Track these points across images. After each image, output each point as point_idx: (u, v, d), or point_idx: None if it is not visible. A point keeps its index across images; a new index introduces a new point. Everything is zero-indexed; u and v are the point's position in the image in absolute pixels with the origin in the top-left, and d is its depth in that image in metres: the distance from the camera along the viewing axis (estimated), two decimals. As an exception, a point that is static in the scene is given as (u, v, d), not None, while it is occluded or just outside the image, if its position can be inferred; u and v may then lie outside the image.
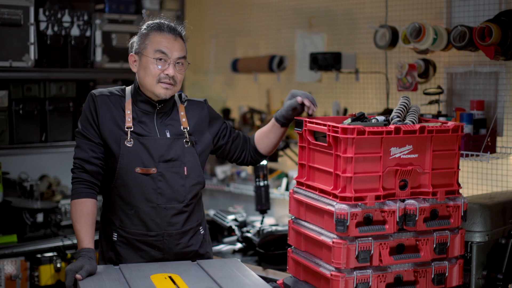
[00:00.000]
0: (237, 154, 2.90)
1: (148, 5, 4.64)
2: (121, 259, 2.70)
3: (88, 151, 2.66)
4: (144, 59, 2.65)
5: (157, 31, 2.66)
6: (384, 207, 2.29)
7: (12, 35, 3.93)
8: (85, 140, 2.67)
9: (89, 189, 2.65)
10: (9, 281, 3.83)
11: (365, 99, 4.19)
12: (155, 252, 2.70)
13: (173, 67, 2.65)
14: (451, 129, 2.38)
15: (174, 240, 2.71)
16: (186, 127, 2.74)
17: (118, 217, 2.70)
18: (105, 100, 2.69)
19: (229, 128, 2.90)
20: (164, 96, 2.66)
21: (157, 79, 2.64)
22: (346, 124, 2.30)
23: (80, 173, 2.66)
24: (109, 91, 2.73)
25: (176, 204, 2.69)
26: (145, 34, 2.68)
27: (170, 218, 2.68)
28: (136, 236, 2.69)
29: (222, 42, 5.31)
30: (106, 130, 2.65)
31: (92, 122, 2.66)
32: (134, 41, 2.73)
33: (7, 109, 3.97)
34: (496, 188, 3.42)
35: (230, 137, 2.88)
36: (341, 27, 4.34)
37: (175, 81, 2.66)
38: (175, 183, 2.68)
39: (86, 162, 2.65)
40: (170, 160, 2.67)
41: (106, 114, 2.66)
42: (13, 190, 4.21)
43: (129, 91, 2.75)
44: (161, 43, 2.64)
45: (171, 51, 2.64)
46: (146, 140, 2.66)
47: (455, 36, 3.33)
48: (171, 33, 2.66)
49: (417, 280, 2.36)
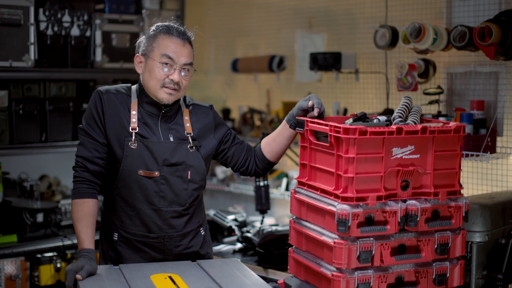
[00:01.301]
0: (241, 161, 2.84)
1: (148, 5, 4.64)
2: (121, 259, 2.70)
3: (92, 151, 2.62)
4: (150, 61, 2.61)
5: (165, 34, 2.61)
6: (386, 207, 2.29)
7: (12, 35, 3.92)
8: (89, 138, 2.63)
9: (90, 188, 2.63)
10: (9, 281, 3.83)
11: (365, 99, 4.19)
12: (156, 253, 2.70)
13: (179, 72, 2.60)
14: (453, 130, 2.37)
15: (175, 242, 2.71)
16: (190, 132, 2.71)
17: (119, 218, 2.69)
18: (112, 98, 2.65)
19: (233, 135, 2.86)
20: (167, 101, 2.62)
21: (161, 84, 2.60)
22: (348, 124, 2.30)
23: (82, 172, 2.63)
24: (115, 89, 2.68)
25: (177, 207, 2.68)
26: (153, 36, 2.63)
27: (171, 221, 2.68)
28: (136, 237, 2.68)
29: (222, 42, 5.31)
30: (111, 129, 2.62)
31: (98, 120, 2.63)
32: (142, 41, 2.68)
33: (7, 109, 3.97)
34: (496, 188, 3.43)
35: (233, 142, 2.84)
36: (341, 27, 4.34)
37: (179, 87, 2.62)
38: (178, 187, 2.66)
39: (89, 162, 2.62)
40: (174, 164, 2.65)
41: (112, 113, 2.63)
42: (13, 190, 4.20)
43: (134, 90, 2.71)
44: (169, 47, 2.59)
45: (178, 57, 2.60)
46: (150, 143, 2.64)
47: (455, 36, 3.33)
48: (179, 38, 2.62)
49: (418, 281, 2.36)
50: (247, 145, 2.87)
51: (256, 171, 2.85)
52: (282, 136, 2.76)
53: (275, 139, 2.78)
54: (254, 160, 2.84)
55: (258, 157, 2.83)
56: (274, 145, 2.79)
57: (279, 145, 2.78)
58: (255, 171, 2.85)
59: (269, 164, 2.84)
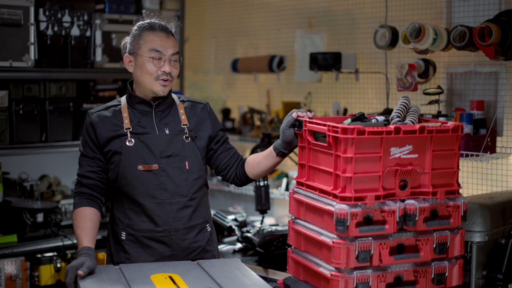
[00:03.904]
0: (222, 166, 2.89)
1: (148, 5, 4.65)
2: (130, 258, 2.75)
3: (85, 166, 2.78)
4: (140, 58, 2.72)
5: (149, 31, 2.74)
6: (384, 207, 2.29)
7: (12, 35, 3.93)
8: (82, 156, 2.80)
9: (88, 200, 2.76)
10: (9, 281, 3.83)
11: (365, 99, 4.19)
12: (163, 248, 2.75)
13: (169, 63, 2.73)
14: (451, 129, 2.37)
15: (181, 235, 2.76)
16: (186, 123, 2.81)
17: (126, 215, 2.77)
18: (101, 113, 2.78)
19: (225, 138, 2.92)
20: (162, 93, 2.73)
21: (155, 77, 2.71)
22: (346, 124, 2.30)
23: (79, 187, 2.79)
24: (105, 106, 2.82)
25: (180, 198, 2.74)
26: (137, 34, 2.76)
27: (176, 213, 2.74)
28: (144, 233, 2.74)
29: (222, 42, 5.31)
30: (106, 140, 2.74)
31: (88, 139, 2.76)
32: (127, 42, 2.81)
33: (7, 109, 3.97)
34: (496, 188, 3.42)
35: (223, 145, 2.89)
36: (341, 27, 4.34)
37: (171, 77, 2.74)
38: (178, 177, 2.74)
39: (83, 177, 2.78)
40: (171, 156, 2.74)
41: (103, 126, 2.75)
42: (13, 190, 4.21)
43: (124, 98, 2.84)
44: (155, 41, 2.72)
45: (165, 49, 2.72)
46: (146, 138, 2.74)
47: (455, 36, 3.33)
48: (163, 32, 2.75)
49: (417, 280, 2.36)
50: (234, 153, 2.92)
51: (234, 180, 2.90)
52: (267, 162, 2.79)
53: (260, 162, 2.81)
54: (235, 169, 2.88)
55: (239, 168, 2.87)
56: (258, 167, 2.82)
57: (263, 168, 2.81)
58: (233, 180, 2.90)
59: (247, 179, 2.89)
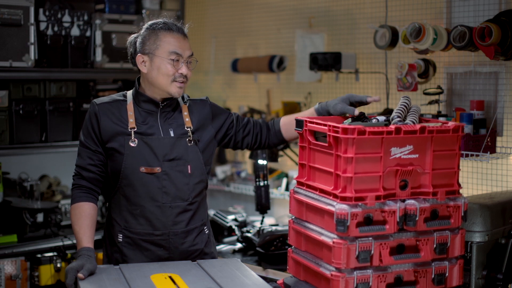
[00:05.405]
0: (252, 140, 2.91)
1: (148, 5, 4.65)
2: (126, 260, 2.72)
3: (86, 159, 2.73)
4: (157, 59, 2.68)
5: (166, 31, 2.69)
6: (385, 207, 2.29)
7: (12, 35, 3.93)
8: (83, 147, 2.74)
9: (87, 194, 2.72)
10: (9, 281, 3.83)
11: (365, 99, 4.18)
12: (161, 251, 2.73)
13: (186, 65, 2.70)
14: (451, 129, 2.37)
15: (180, 239, 2.74)
16: (189, 126, 2.78)
17: (124, 218, 2.73)
18: (106, 107, 2.72)
19: (237, 118, 2.91)
20: (178, 95, 2.72)
21: (172, 79, 2.68)
22: (346, 124, 2.30)
23: (78, 179, 2.74)
24: (110, 98, 2.77)
25: (181, 202, 2.71)
26: (153, 34, 2.69)
27: (175, 217, 2.72)
28: (141, 236, 2.71)
29: (222, 42, 5.31)
30: (109, 135, 2.69)
31: (91, 130, 2.71)
32: (138, 41, 2.73)
33: (7, 109, 3.97)
34: (496, 188, 3.42)
35: (240, 125, 2.90)
36: (341, 27, 4.34)
37: (187, 79, 2.73)
38: (179, 181, 2.71)
39: (83, 169, 2.73)
40: (174, 159, 2.71)
41: (107, 121, 2.70)
42: (13, 190, 4.21)
43: (130, 94, 2.78)
44: (174, 43, 2.68)
45: (183, 50, 2.69)
46: (150, 140, 2.70)
47: (455, 36, 3.33)
48: (180, 33, 2.72)
49: (417, 280, 2.36)
50: (254, 122, 2.93)
51: (268, 144, 2.95)
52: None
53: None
54: (266, 133, 2.91)
55: (273, 131, 2.90)
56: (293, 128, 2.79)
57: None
58: (268, 144, 2.95)
59: (283, 141, 2.93)
